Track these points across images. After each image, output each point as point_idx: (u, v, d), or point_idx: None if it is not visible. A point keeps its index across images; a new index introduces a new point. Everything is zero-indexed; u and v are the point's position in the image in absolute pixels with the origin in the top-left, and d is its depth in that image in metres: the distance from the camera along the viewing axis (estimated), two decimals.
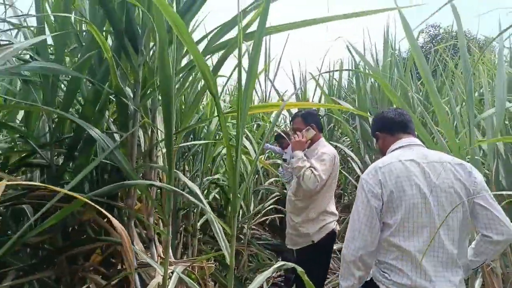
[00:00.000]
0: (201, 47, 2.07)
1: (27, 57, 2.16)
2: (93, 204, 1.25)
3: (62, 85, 2.19)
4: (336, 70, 5.53)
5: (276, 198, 4.66)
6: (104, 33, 2.05)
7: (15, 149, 2.27)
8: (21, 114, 2.51)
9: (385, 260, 1.56)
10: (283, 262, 1.64)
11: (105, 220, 2.13)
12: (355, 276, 1.56)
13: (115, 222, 1.28)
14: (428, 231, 1.49)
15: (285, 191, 4.55)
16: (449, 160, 1.58)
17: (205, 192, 3.77)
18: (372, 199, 1.53)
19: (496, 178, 2.28)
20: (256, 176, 4.45)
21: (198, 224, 3.27)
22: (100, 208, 1.26)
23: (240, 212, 4.17)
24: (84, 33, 2.18)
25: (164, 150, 1.81)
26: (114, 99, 2.13)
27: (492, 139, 1.71)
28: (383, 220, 1.56)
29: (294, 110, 5.76)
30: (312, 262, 2.49)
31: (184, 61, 2.33)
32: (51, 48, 2.13)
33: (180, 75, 2.15)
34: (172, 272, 1.88)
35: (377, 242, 1.55)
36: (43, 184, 1.38)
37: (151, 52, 2.03)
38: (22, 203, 1.95)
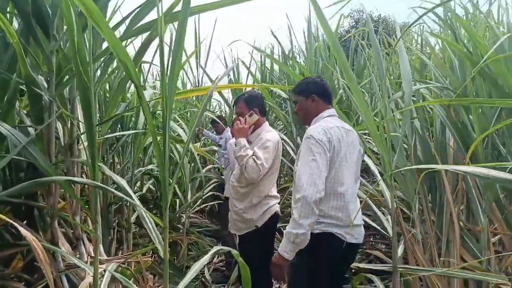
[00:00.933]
0: (122, 30, 1.94)
1: None
2: None
3: None
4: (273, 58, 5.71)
5: (215, 184, 4.63)
6: (8, 15, 1.83)
7: None
8: None
9: (321, 208, 1.82)
10: (219, 247, 1.64)
11: (24, 222, 1.95)
12: (316, 213, 1.76)
13: (23, 231, 1.15)
14: (350, 180, 1.90)
15: (222, 177, 4.54)
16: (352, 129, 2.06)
17: (138, 184, 3.63)
18: (326, 151, 1.82)
19: (414, 152, 2.47)
20: (193, 163, 4.36)
21: (132, 218, 3.13)
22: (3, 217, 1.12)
23: (178, 202, 4.08)
24: None
25: (87, 143, 1.68)
26: (25, 90, 1.92)
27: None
28: None
29: (228, 95, 5.76)
30: (257, 246, 2.49)
31: (105, 44, 2.16)
32: None
33: (101, 59, 2.00)
34: (105, 271, 1.79)
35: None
36: None
37: (65, 37, 1.86)
38: None
